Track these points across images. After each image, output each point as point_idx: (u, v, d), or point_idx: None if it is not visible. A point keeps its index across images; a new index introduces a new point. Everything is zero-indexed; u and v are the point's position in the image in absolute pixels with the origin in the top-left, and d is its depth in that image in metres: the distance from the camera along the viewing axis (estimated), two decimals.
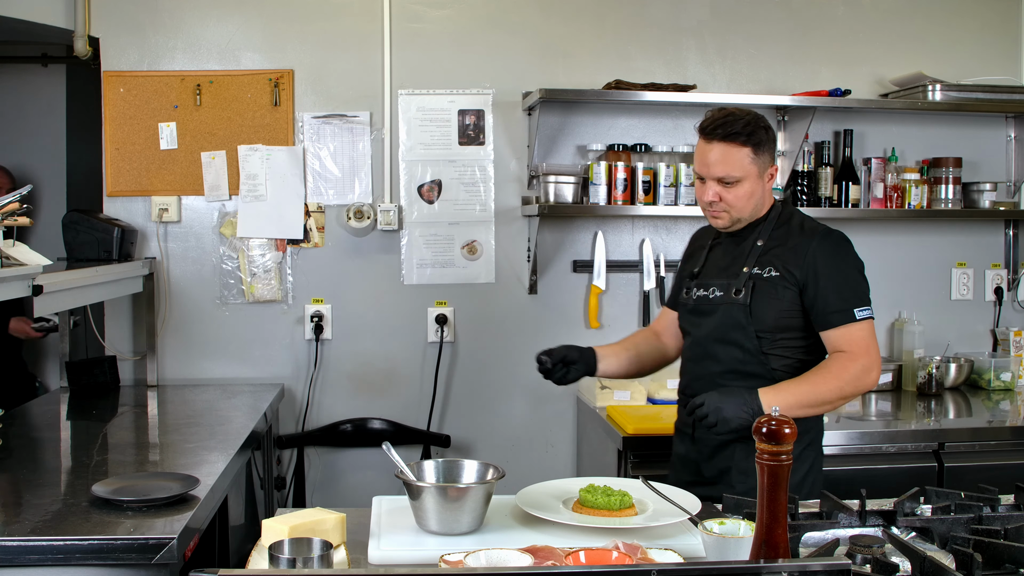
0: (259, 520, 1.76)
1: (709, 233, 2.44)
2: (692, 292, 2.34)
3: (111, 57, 3.44)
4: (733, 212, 2.23)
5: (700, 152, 2.23)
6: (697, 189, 2.28)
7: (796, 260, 2.20)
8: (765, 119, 2.23)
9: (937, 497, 1.91)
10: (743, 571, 1.39)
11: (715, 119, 2.20)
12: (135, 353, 3.51)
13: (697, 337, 2.31)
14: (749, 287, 2.22)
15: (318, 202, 3.51)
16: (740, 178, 2.18)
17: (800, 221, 2.30)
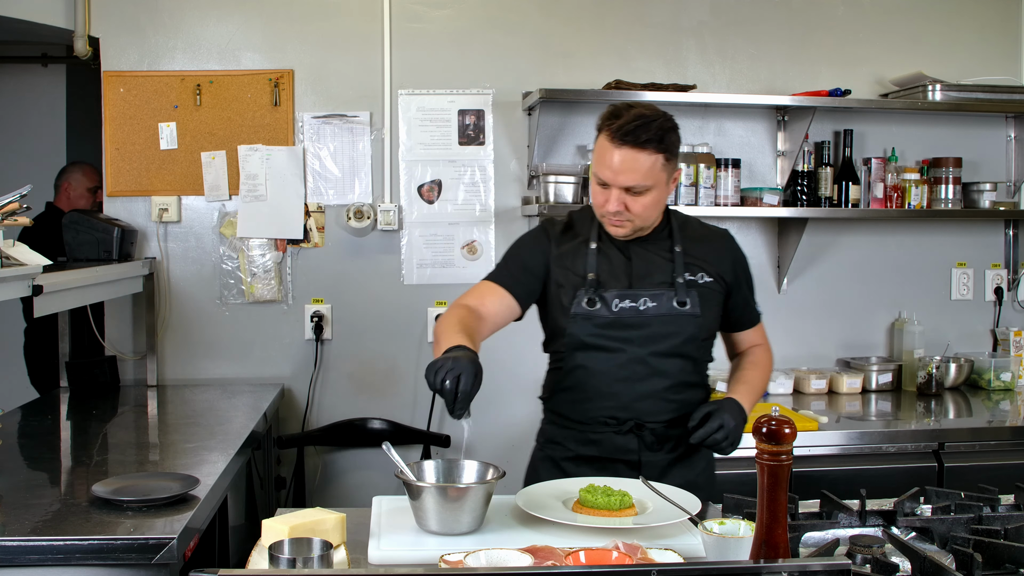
0: (259, 520, 1.76)
1: (575, 232, 2.20)
2: (610, 303, 2.10)
3: (111, 57, 3.44)
4: (637, 222, 2.08)
5: (605, 156, 2.02)
6: (596, 194, 2.08)
7: (721, 264, 2.20)
8: (673, 119, 2.07)
9: (937, 497, 1.91)
10: (743, 571, 1.39)
11: (626, 123, 1.99)
12: (135, 353, 3.51)
13: (634, 354, 2.10)
14: (694, 297, 2.13)
15: (318, 202, 3.51)
16: (650, 187, 2.03)
17: (695, 222, 2.26)
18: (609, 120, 2.04)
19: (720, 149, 3.61)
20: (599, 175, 2.05)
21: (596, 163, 2.06)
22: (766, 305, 3.66)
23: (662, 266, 2.14)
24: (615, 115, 2.03)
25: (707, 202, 3.41)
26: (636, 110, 2.02)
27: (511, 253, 2.24)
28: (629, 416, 2.10)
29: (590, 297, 2.10)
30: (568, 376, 2.16)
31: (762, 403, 3.34)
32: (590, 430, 2.14)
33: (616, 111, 2.04)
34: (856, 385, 3.52)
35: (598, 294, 2.11)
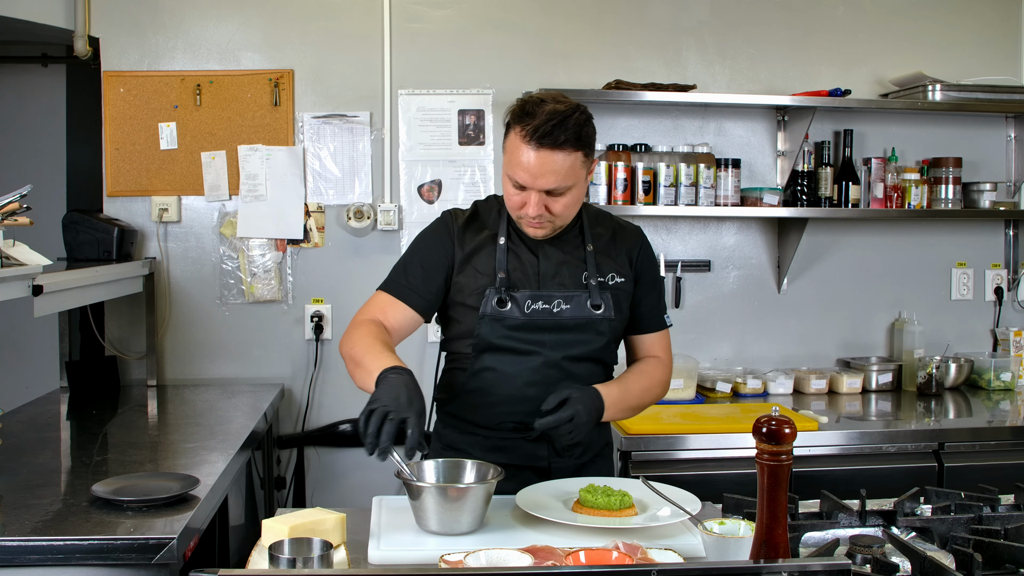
0: (259, 520, 1.76)
1: (480, 224, 2.10)
2: (521, 304, 2.01)
3: (111, 57, 3.44)
4: (558, 222, 1.99)
5: (520, 158, 1.90)
6: (511, 195, 1.97)
7: (628, 262, 2.11)
8: (587, 109, 1.95)
9: (937, 497, 1.91)
10: (743, 571, 1.39)
11: (542, 123, 1.86)
12: (135, 353, 3.51)
13: (548, 358, 2.01)
14: (608, 300, 2.05)
15: (318, 202, 3.51)
16: (571, 186, 1.93)
17: (607, 218, 2.17)
18: (521, 119, 1.90)
19: (720, 149, 3.61)
20: (514, 178, 1.93)
21: (510, 165, 1.94)
22: (766, 305, 3.71)
23: (572, 266, 2.06)
24: (527, 113, 1.89)
25: (707, 202, 3.41)
26: (548, 106, 1.89)
27: (410, 255, 2.10)
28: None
29: (500, 297, 2.00)
30: (474, 378, 2.05)
31: (762, 403, 3.35)
32: (497, 436, 2.04)
33: (527, 107, 1.90)
34: (856, 385, 3.52)
35: (509, 294, 2.01)
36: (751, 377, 3.46)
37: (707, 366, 3.61)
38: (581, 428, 1.89)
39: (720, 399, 3.39)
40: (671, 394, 3.29)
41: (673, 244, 3.66)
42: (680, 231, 3.67)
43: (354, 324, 2.02)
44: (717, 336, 3.70)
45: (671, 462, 2.87)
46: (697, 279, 3.68)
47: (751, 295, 3.71)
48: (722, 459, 2.88)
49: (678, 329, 3.63)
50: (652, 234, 3.63)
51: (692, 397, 3.32)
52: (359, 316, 2.04)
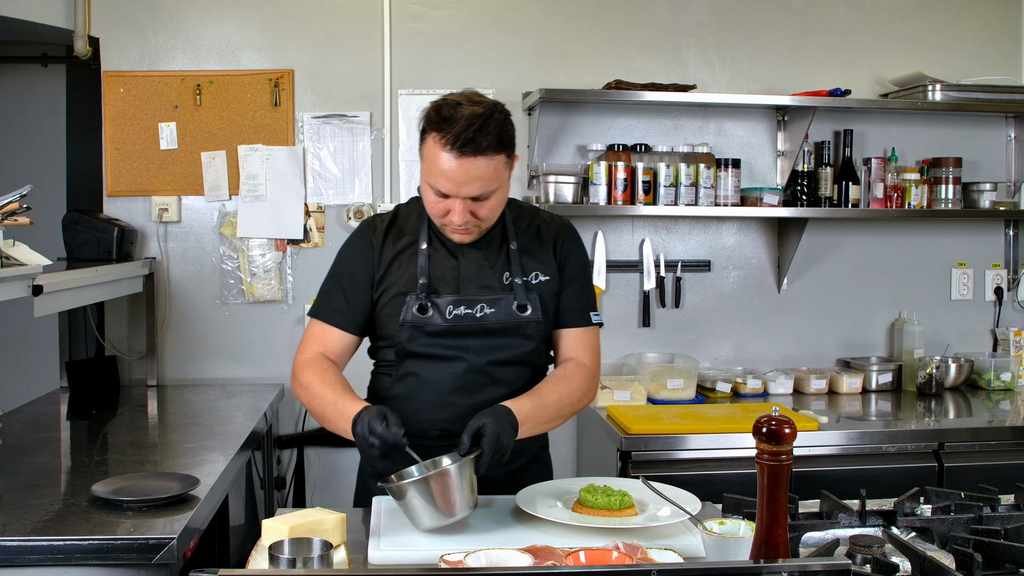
0: (259, 520, 1.76)
1: (400, 229, 2.04)
2: (443, 310, 1.96)
3: (111, 57, 3.44)
4: (484, 225, 1.94)
5: (442, 167, 1.83)
6: (434, 205, 1.90)
7: (551, 256, 2.04)
8: (504, 107, 1.90)
9: (937, 497, 1.91)
10: (743, 571, 1.39)
11: (463, 130, 1.79)
12: (135, 353, 3.51)
13: (473, 363, 1.96)
14: (535, 301, 1.99)
15: (318, 202, 3.51)
16: (496, 189, 1.88)
17: (531, 212, 2.10)
18: (440, 125, 1.82)
19: (720, 149, 3.61)
20: (436, 186, 1.86)
21: (430, 173, 1.86)
22: (766, 305, 3.71)
23: (494, 266, 2.00)
24: (445, 118, 1.82)
25: (707, 202, 3.41)
26: (466, 109, 1.82)
27: (332, 275, 2.06)
28: (460, 429, 1.86)
29: (421, 304, 1.95)
30: (398, 384, 2.01)
31: (762, 403, 3.35)
32: (422, 444, 1.94)
33: (444, 112, 1.83)
34: (856, 385, 3.52)
35: (430, 300, 1.95)
36: (751, 377, 3.46)
37: (707, 366, 3.61)
38: (506, 450, 1.79)
39: (720, 399, 3.39)
40: (671, 394, 3.30)
41: (673, 244, 3.66)
42: (680, 231, 3.67)
43: (300, 367, 1.98)
44: (717, 336, 3.70)
45: (671, 462, 2.87)
46: (697, 279, 3.68)
47: (751, 295, 3.71)
48: (722, 459, 2.87)
49: (678, 329, 3.67)
50: (652, 234, 3.64)
51: (692, 397, 3.33)
52: (301, 355, 2.01)
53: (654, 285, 3.63)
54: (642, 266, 3.63)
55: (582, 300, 2.08)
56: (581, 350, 2.07)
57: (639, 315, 3.65)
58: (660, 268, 3.63)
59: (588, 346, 2.07)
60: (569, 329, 2.07)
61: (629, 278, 3.65)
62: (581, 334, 2.07)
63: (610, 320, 3.63)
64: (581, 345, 2.07)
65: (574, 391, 2.00)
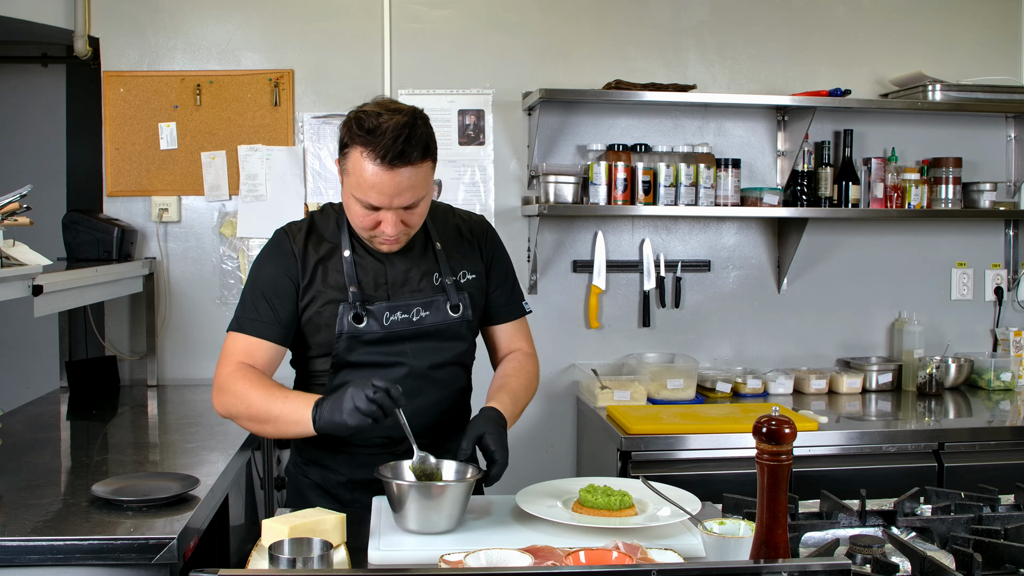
0: (259, 520, 1.75)
1: (319, 236, 1.99)
2: (380, 317, 1.93)
3: (111, 57, 3.44)
4: (412, 231, 1.93)
5: (372, 180, 1.79)
6: (361, 219, 1.86)
7: (476, 255, 2.07)
8: (423, 111, 1.86)
9: (937, 497, 1.91)
10: (743, 571, 1.39)
11: (391, 142, 1.76)
12: (135, 353, 3.51)
13: (414, 368, 1.95)
14: (465, 300, 2.00)
15: (318, 202, 3.51)
16: (424, 195, 1.87)
17: (447, 211, 2.11)
18: (365, 137, 1.78)
19: (720, 149, 3.61)
20: (366, 200, 1.82)
21: (359, 187, 1.81)
22: (766, 305, 3.71)
23: (422, 269, 1.99)
24: (370, 131, 1.77)
25: (707, 202, 3.41)
26: (390, 119, 1.77)
27: (252, 286, 1.97)
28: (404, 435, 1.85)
29: (356, 313, 1.91)
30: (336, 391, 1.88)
31: (762, 403, 3.35)
32: (364, 452, 1.95)
33: (367, 123, 1.78)
34: (856, 385, 3.52)
35: (364, 308, 1.92)
36: (751, 377, 3.46)
37: (707, 366, 3.61)
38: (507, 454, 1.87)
39: (720, 399, 3.39)
40: (671, 394, 3.30)
41: (673, 244, 3.66)
42: (680, 231, 3.67)
43: (227, 379, 1.89)
44: (717, 336, 3.70)
45: (671, 462, 2.87)
46: (697, 279, 3.68)
47: (751, 295, 3.71)
48: (722, 459, 2.87)
49: (678, 329, 3.67)
50: (652, 234, 3.64)
51: (692, 397, 3.32)
52: (224, 369, 1.91)
53: (654, 285, 3.63)
54: (642, 266, 3.63)
55: (513, 294, 2.14)
56: (522, 340, 2.15)
57: (639, 315, 3.65)
58: (660, 268, 3.63)
59: (526, 335, 2.17)
60: (506, 324, 2.13)
61: (629, 278, 3.65)
62: (517, 326, 2.15)
63: (610, 320, 3.63)
64: (520, 336, 2.15)
65: (531, 380, 2.10)
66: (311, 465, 2.05)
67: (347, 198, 1.88)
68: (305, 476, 2.07)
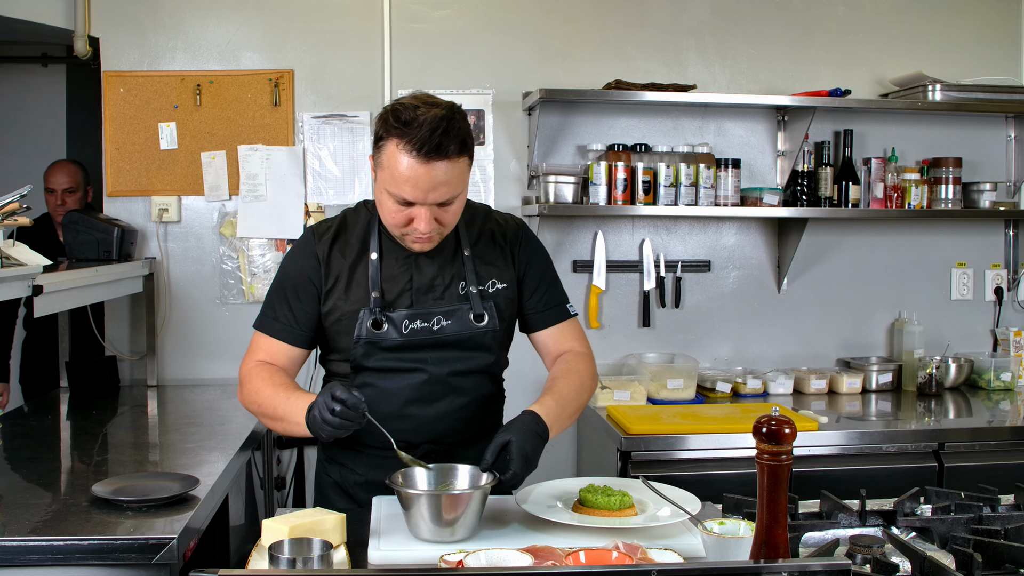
0: (259, 520, 1.75)
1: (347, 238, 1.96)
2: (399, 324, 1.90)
3: (111, 57, 3.44)
4: (446, 231, 1.88)
5: (407, 174, 1.75)
6: (395, 215, 1.82)
7: (508, 263, 2.00)
8: (460, 106, 1.81)
9: (937, 497, 1.91)
10: (743, 571, 1.39)
11: (428, 135, 1.72)
12: (135, 353, 3.51)
13: (433, 374, 1.93)
14: (491, 309, 1.94)
15: (318, 202, 3.51)
16: (460, 192, 1.82)
17: (483, 215, 2.03)
18: (402, 129, 1.74)
19: (720, 149, 3.61)
20: (400, 195, 1.78)
21: (393, 182, 1.77)
22: (766, 305, 3.71)
23: (450, 275, 1.94)
24: (407, 122, 1.73)
25: (707, 202, 3.41)
26: (427, 112, 1.74)
27: (277, 286, 1.97)
28: (424, 439, 1.91)
29: (376, 319, 1.89)
30: None
31: (762, 403, 3.35)
32: (381, 454, 1.90)
33: (404, 115, 1.74)
34: (856, 385, 3.52)
35: (384, 315, 1.89)
36: (751, 377, 3.46)
37: (707, 366, 3.61)
38: (533, 464, 1.76)
39: (720, 399, 3.39)
40: (671, 394, 3.30)
41: (673, 244, 3.66)
42: (680, 231, 3.66)
43: (246, 375, 1.93)
44: (717, 336, 3.70)
45: (671, 462, 2.87)
46: (697, 279, 3.68)
47: (751, 295, 3.71)
48: (722, 459, 2.87)
49: (678, 329, 3.67)
50: (652, 234, 3.64)
51: (692, 397, 3.32)
52: (245, 365, 1.95)
53: (654, 285, 3.63)
54: (642, 266, 3.63)
55: (554, 297, 2.06)
56: (572, 340, 2.06)
57: (639, 315, 3.65)
58: (660, 268, 3.63)
59: (576, 334, 2.07)
60: (551, 328, 2.05)
61: (629, 278, 3.65)
62: (564, 328, 2.06)
63: (610, 320, 3.63)
64: (570, 336, 2.06)
65: (584, 380, 2.00)
66: (332, 463, 2.07)
67: (380, 193, 1.84)
68: (327, 474, 2.08)
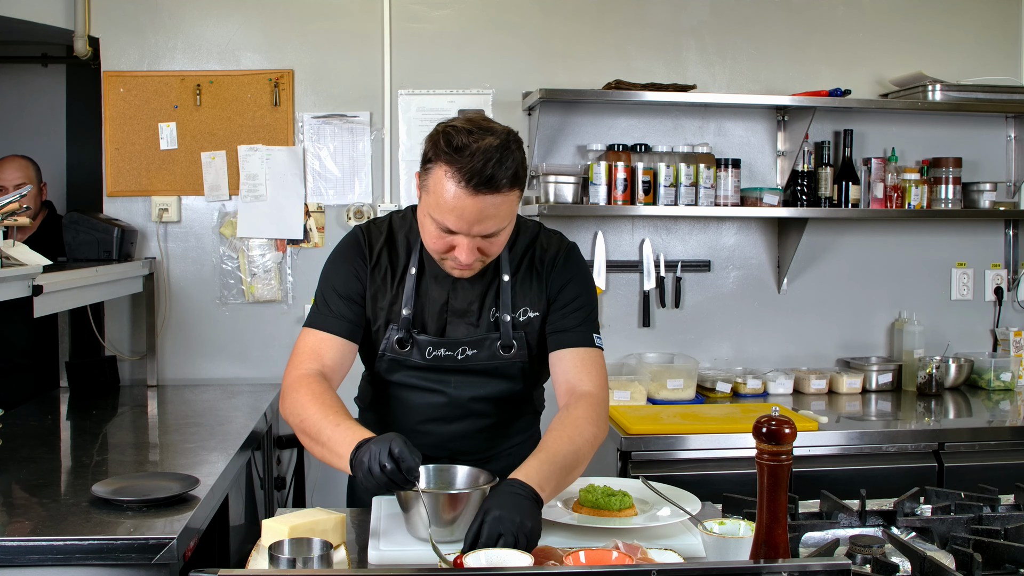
0: (259, 520, 1.75)
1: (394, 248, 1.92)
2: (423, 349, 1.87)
3: (111, 57, 3.44)
4: (488, 259, 1.80)
5: (452, 203, 1.66)
6: (435, 240, 1.74)
7: (541, 288, 1.90)
8: (517, 134, 1.72)
9: (937, 497, 1.91)
10: (743, 571, 1.39)
11: (479, 165, 1.62)
12: (135, 353, 3.51)
13: (454, 397, 1.90)
14: (521, 339, 1.87)
15: (318, 202, 3.51)
16: (507, 225, 1.74)
17: (531, 231, 1.94)
18: (452, 156, 1.64)
19: (720, 149, 3.61)
20: (443, 223, 1.69)
21: (438, 208, 1.68)
22: (766, 305, 3.71)
23: (485, 300, 1.88)
24: (458, 148, 1.63)
25: (707, 202, 3.41)
26: (481, 139, 1.64)
27: (326, 282, 1.93)
28: (442, 454, 1.87)
29: (401, 337, 1.86)
30: (380, 398, 1.97)
31: (762, 403, 3.35)
32: None
33: (456, 140, 1.64)
34: (856, 385, 3.52)
35: (411, 336, 1.86)
36: (751, 377, 3.46)
37: (707, 366, 3.61)
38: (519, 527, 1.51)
39: (720, 399, 3.39)
40: (671, 394, 3.29)
41: (673, 244, 3.66)
42: (680, 231, 3.66)
43: (295, 384, 1.80)
44: (717, 336, 3.70)
45: (671, 462, 2.87)
46: (697, 279, 3.68)
47: (751, 295, 3.71)
48: (722, 459, 2.88)
49: (678, 329, 3.67)
50: (652, 234, 3.63)
51: (692, 397, 3.32)
52: (295, 371, 1.84)
53: (654, 285, 3.63)
54: (642, 266, 3.63)
55: (583, 317, 1.89)
56: (583, 375, 1.85)
57: (639, 315, 3.65)
58: (660, 268, 3.63)
59: (592, 370, 1.86)
60: (566, 350, 1.86)
61: (629, 278, 3.65)
62: (582, 357, 1.86)
63: (610, 320, 3.63)
64: (584, 370, 1.85)
65: (582, 445, 1.75)
66: None
67: (423, 216, 1.76)
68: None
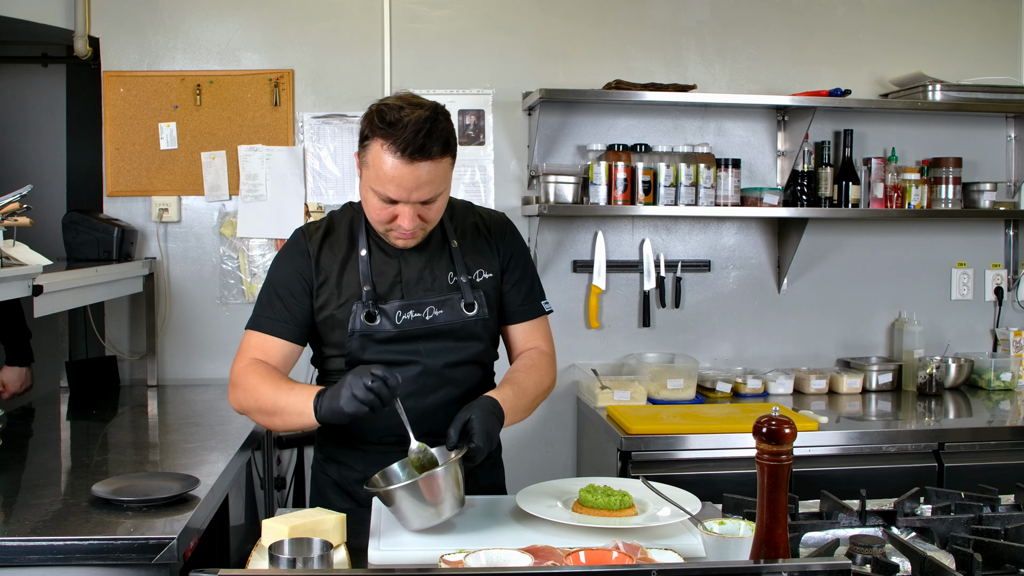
0: (259, 520, 1.75)
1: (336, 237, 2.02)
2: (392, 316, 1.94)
3: (111, 57, 3.44)
4: (429, 227, 1.94)
5: (391, 173, 1.80)
6: (379, 212, 1.88)
7: (492, 253, 2.06)
8: (443, 106, 1.87)
9: (937, 497, 1.91)
10: (743, 571, 1.39)
11: (412, 135, 1.77)
12: (135, 353, 3.51)
13: (428, 366, 1.96)
14: (481, 299, 2.00)
15: (318, 202, 3.51)
16: (443, 190, 1.89)
17: (464, 209, 2.11)
18: (386, 130, 1.80)
19: (720, 149, 3.61)
20: (384, 193, 1.84)
21: (378, 180, 1.83)
22: (766, 305, 3.71)
23: (437, 267, 2.00)
24: (392, 123, 1.79)
25: (707, 202, 3.41)
26: (411, 113, 1.79)
27: (269, 285, 2.01)
28: (420, 432, 1.86)
29: (369, 311, 1.94)
30: None
31: (762, 403, 3.35)
32: (378, 451, 1.97)
33: (389, 115, 1.80)
34: (856, 385, 3.52)
35: (377, 307, 1.94)
36: (751, 377, 3.46)
37: (707, 366, 3.61)
38: (494, 441, 1.81)
39: (720, 399, 3.39)
40: (671, 394, 3.29)
41: (673, 244, 3.66)
42: (680, 231, 3.67)
43: (240, 374, 1.93)
44: (717, 336, 3.70)
45: (671, 462, 2.87)
46: (697, 279, 3.68)
47: (751, 295, 3.71)
48: (722, 459, 2.88)
49: (678, 329, 3.67)
50: (652, 234, 3.64)
51: (692, 397, 3.32)
52: (238, 364, 1.95)
53: (654, 285, 3.63)
54: (642, 266, 3.63)
55: (531, 293, 2.11)
56: (540, 339, 2.12)
57: (639, 315, 3.65)
58: (660, 268, 3.63)
59: (544, 334, 2.14)
60: (522, 323, 2.11)
61: (629, 278, 3.65)
62: (535, 325, 2.12)
63: (610, 320, 3.63)
64: (538, 334, 2.12)
65: (543, 378, 2.06)
66: (330, 462, 2.08)
67: (365, 191, 1.90)
68: (324, 473, 2.09)
